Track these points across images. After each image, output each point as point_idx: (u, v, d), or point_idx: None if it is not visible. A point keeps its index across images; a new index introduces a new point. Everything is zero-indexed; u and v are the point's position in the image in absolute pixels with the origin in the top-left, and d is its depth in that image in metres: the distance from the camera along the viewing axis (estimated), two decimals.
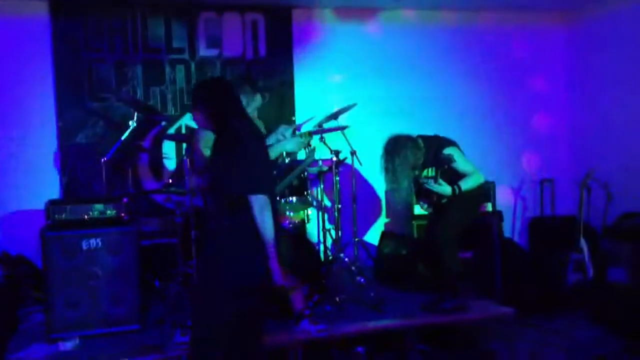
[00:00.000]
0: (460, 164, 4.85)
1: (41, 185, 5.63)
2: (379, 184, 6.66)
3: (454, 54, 6.76)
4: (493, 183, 6.07)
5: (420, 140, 4.95)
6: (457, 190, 4.86)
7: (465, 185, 4.88)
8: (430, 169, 5.00)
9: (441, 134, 5.09)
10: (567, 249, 5.72)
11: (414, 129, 5.06)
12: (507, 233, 6.50)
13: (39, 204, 4.68)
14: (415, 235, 6.16)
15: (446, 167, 4.78)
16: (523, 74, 7.04)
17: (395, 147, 4.91)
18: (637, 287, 5.38)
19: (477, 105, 6.50)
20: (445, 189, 4.84)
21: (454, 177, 4.88)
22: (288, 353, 4.28)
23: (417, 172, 4.99)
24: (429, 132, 5.08)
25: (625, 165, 6.20)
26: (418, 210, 5.76)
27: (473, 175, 4.90)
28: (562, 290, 5.68)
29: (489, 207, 5.98)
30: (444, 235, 4.88)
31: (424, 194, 5.06)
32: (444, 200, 4.95)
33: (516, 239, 6.86)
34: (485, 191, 5.95)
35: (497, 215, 6.00)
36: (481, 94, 6.70)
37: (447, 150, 4.86)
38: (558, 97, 7.17)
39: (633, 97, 6.25)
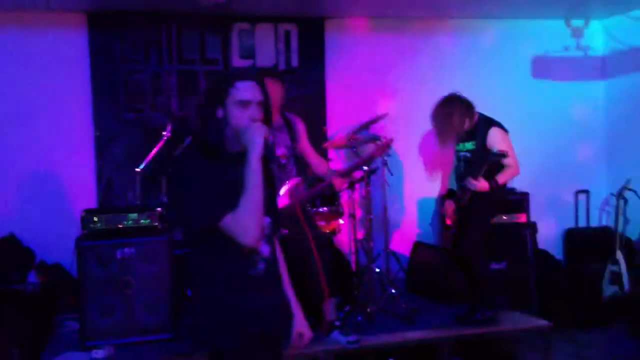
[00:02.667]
0: (506, 153, 4.55)
1: (77, 194, 5.72)
2: (412, 193, 6.63)
3: (493, 62, 6.67)
4: (527, 194, 6.00)
5: (474, 108, 4.79)
6: (494, 186, 4.63)
7: (503, 179, 4.66)
8: (469, 143, 4.83)
9: None
10: (603, 260, 5.63)
11: None
12: (541, 245, 6.40)
13: (76, 214, 4.77)
14: (447, 245, 6.11)
15: (489, 163, 4.55)
16: (558, 85, 6.94)
17: (446, 104, 4.77)
18: None
19: (513, 115, 6.45)
20: (483, 185, 4.63)
21: (492, 165, 4.63)
22: None
23: (461, 146, 4.85)
24: None
25: None
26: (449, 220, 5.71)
27: (512, 168, 4.66)
28: (598, 303, 5.59)
29: (523, 218, 5.90)
30: (470, 245, 4.78)
31: (461, 184, 4.90)
32: (465, 200, 4.77)
33: (551, 250, 6.76)
34: (518, 201, 5.89)
35: (532, 226, 5.93)
36: (517, 104, 6.63)
37: (494, 133, 4.66)
38: (594, 107, 7.05)
39: None
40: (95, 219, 4.58)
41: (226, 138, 2.46)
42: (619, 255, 5.51)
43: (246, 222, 2.34)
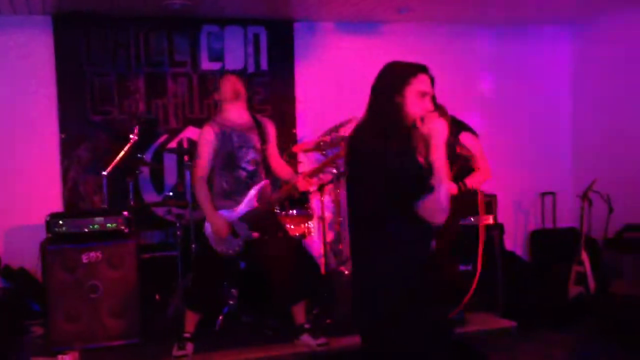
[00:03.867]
0: (475, 157, 4.58)
1: (43, 198, 5.64)
2: None
3: (457, 65, 6.75)
4: (494, 196, 6.05)
5: (446, 111, 4.60)
6: (462, 189, 4.57)
7: (472, 181, 4.60)
8: None
9: None
10: (569, 261, 5.71)
11: None
12: (508, 246, 6.47)
13: (41, 217, 4.70)
14: None
15: (456, 167, 4.51)
16: (526, 86, 7.04)
17: None
18: (638, 298, 5.36)
19: (478, 118, 6.51)
20: (452, 188, 4.49)
21: (461, 170, 4.60)
22: None
23: None
24: None
25: (627, 177, 6.19)
26: None
27: (482, 172, 4.63)
28: (564, 302, 5.66)
29: (490, 220, 5.95)
30: (439, 246, 4.79)
31: None
32: None
33: (517, 252, 6.84)
34: (485, 203, 5.94)
35: (498, 227, 5.98)
36: (483, 107, 6.70)
37: (465, 137, 4.62)
38: (561, 110, 7.16)
39: (635, 109, 6.25)
40: (61, 222, 4.53)
41: (403, 122, 2.58)
42: (584, 256, 5.59)
43: (442, 202, 2.47)
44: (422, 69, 2.66)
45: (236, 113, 4.30)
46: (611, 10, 6.38)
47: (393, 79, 2.66)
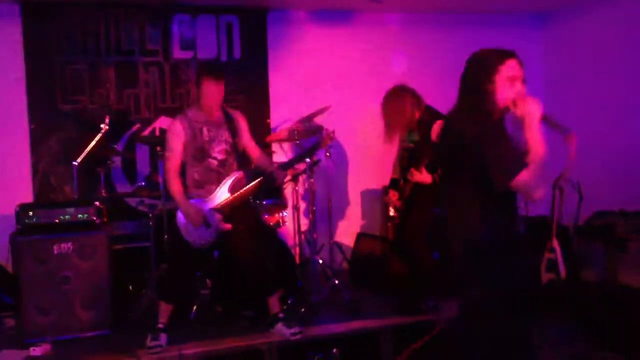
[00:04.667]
0: None
1: (12, 189, 5.56)
2: (356, 185, 6.68)
3: (431, 56, 6.78)
4: None
5: (422, 100, 4.80)
6: (437, 179, 4.63)
7: None
8: (415, 134, 4.83)
9: None
10: (541, 248, 5.77)
11: None
12: None
13: (10, 209, 4.63)
14: (390, 236, 6.17)
15: (430, 156, 4.59)
16: None
17: (396, 95, 4.76)
18: (608, 285, 5.45)
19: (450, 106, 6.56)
20: (425, 177, 4.66)
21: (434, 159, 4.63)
22: (263, 356, 4.28)
23: (407, 136, 4.88)
24: None
25: (596, 165, 6.26)
26: (393, 211, 5.76)
27: None
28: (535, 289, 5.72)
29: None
30: (412, 236, 4.84)
31: (404, 174, 4.90)
32: (407, 191, 4.83)
33: None
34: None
35: None
36: (453, 98, 6.72)
37: (438, 125, 4.55)
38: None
39: (605, 98, 6.32)
40: (31, 213, 4.46)
41: (496, 107, 2.75)
42: (555, 243, 5.65)
43: (538, 179, 2.68)
44: (510, 54, 2.80)
45: (208, 110, 4.28)
46: (582, 4, 6.46)
47: (482, 68, 2.81)
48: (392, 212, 6.07)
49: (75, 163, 5.06)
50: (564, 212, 5.98)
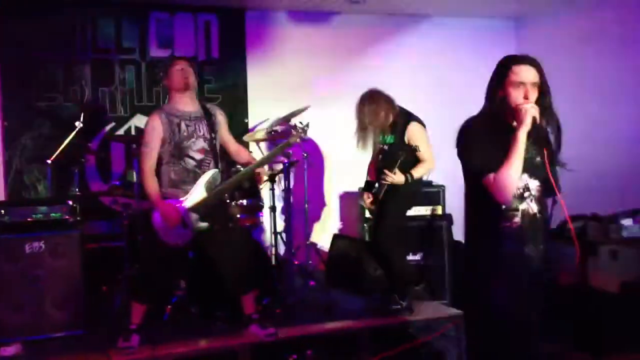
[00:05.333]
0: (423, 148, 4.68)
1: None
2: (333, 186, 6.68)
3: (406, 57, 6.81)
4: (443, 186, 6.13)
5: (395, 103, 4.83)
6: (409, 179, 4.68)
7: (418, 173, 4.72)
8: (389, 136, 4.87)
9: None
10: None
11: None
12: (456, 236, 6.56)
13: None
14: (366, 237, 6.19)
15: (403, 157, 4.66)
16: (472, 79, 7.11)
17: (371, 99, 4.77)
18: (581, 289, 5.50)
19: (426, 108, 6.59)
20: (400, 178, 4.67)
21: (408, 160, 4.72)
22: (237, 357, 4.26)
23: (381, 138, 4.89)
24: None
25: (569, 170, 6.33)
26: (369, 212, 5.78)
27: (427, 162, 4.74)
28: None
29: (439, 210, 6.04)
30: (387, 237, 4.85)
31: (378, 176, 4.93)
32: (381, 193, 4.85)
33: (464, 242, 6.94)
34: (434, 193, 6.03)
35: (447, 218, 6.07)
36: (431, 99, 6.76)
37: (413, 127, 4.74)
38: None
39: (577, 105, 6.39)
40: (3, 211, 4.40)
41: (507, 114, 2.80)
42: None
43: (505, 182, 2.71)
44: (516, 60, 2.84)
45: (185, 102, 4.23)
46: (548, 10, 6.55)
47: (494, 74, 2.90)
48: (368, 214, 6.09)
49: (49, 161, 5.00)
50: None
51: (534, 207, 2.88)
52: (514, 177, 2.73)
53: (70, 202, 4.53)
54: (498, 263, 2.85)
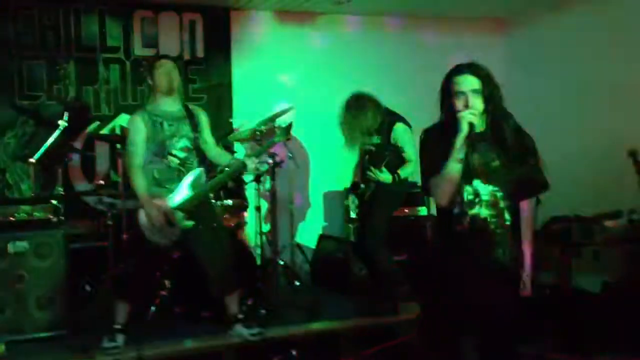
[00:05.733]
0: (408, 149, 4.75)
1: None
2: (317, 187, 6.69)
3: (391, 57, 6.83)
4: None
5: (382, 105, 4.86)
6: (396, 179, 4.74)
7: (404, 173, 4.78)
8: (375, 137, 4.89)
9: None
10: None
11: None
12: None
13: None
14: (351, 237, 6.20)
15: (389, 158, 4.71)
16: None
17: (357, 103, 4.81)
18: (564, 289, 5.54)
19: (414, 113, 6.63)
20: (386, 177, 4.73)
21: (394, 160, 4.80)
22: (222, 357, 4.25)
23: (367, 140, 4.90)
24: None
25: (554, 170, 6.38)
26: (354, 213, 5.80)
27: (413, 163, 4.77)
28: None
29: (423, 211, 6.06)
30: (372, 237, 4.87)
31: (364, 176, 4.97)
32: (367, 194, 4.88)
33: None
34: (419, 194, 6.05)
35: (431, 219, 6.10)
36: (416, 100, 6.77)
37: (399, 127, 4.79)
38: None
39: (561, 106, 6.46)
40: None
41: (455, 123, 2.81)
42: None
43: (437, 187, 2.83)
44: (456, 70, 2.92)
45: (167, 102, 4.23)
46: (538, 12, 6.60)
47: (441, 86, 2.99)
48: (353, 214, 6.11)
49: (33, 160, 4.95)
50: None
51: (484, 213, 2.87)
52: (445, 182, 2.80)
53: (54, 202, 4.50)
54: (446, 265, 2.94)
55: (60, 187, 5.09)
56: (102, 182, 5.26)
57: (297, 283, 5.11)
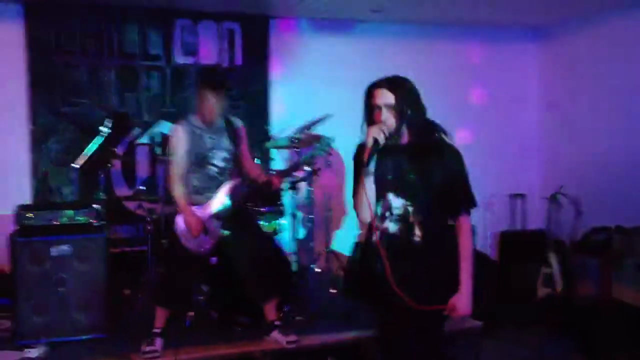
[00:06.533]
0: None
1: (12, 189, 5.56)
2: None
3: (428, 67, 6.81)
4: None
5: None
6: None
7: None
8: None
9: None
10: (537, 262, 5.78)
11: None
12: (477, 246, 6.54)
13: (9, 209, 4.62)
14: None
15: None
16: (496, 90, 7.12)
17: None
18: (603, 301, 5.46)
19: (449, 120, 6.60)
20: None
21: None
22: None
23: None
24: None
25: (595, 180, 6.29)
26: None
27: None
28: (531, 303, 5.74)
29: None
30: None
31: None
32: None
33: (487, 252, 6.91)
34: None
35: None
36: (453, 109, 6.75)
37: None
38: (531, 114, 7.26)
39: (602, 114, 6.36)
40: (30, 215, 4.46)
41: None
42: (552, 257, 5.67)
43: (353, 202, 2.87)
44: (374, 84, 2.94)
45: (208, 118, 4.29)
46: (577, 17, 6.51)
47: (364, 99, 3.00)
48: None
49: (75, 165, 5.05)
50: (563, 227, 6.01)
51: (393, 227, 2.82)
52: (357, 197, 2.83)
53: (96, 206, 4.57)
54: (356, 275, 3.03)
55: (102, 192, 5.19)
56: (142, 187, 5.33)
57: (332, 291, 5.11)
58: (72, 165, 5.08)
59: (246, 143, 4.48)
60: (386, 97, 2.84)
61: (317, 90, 6.53)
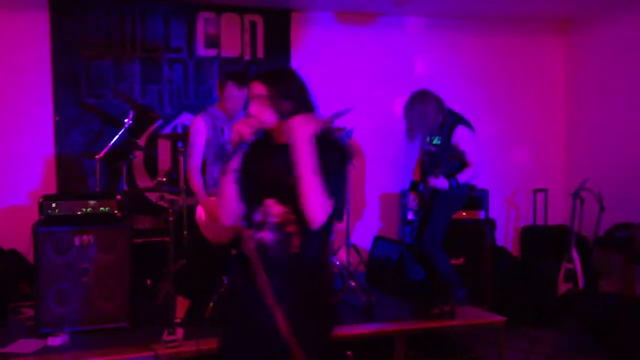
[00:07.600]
0: (469, 152, 4.71)
1: (36, 180, 5.64)
2: (374, 187, 6.68)
3: (453, 60, 6.78)
4: (486, 191, 6.09)
5: (444, 104, 4.82)
6: (452, 185, 4.71)
7: (463, 178, 4.74)
8: (436, 137, 4.85)
9: None
10: (559, 258, 5.74)
11: None
12: (499, 241, 6.51)
13: (33, 199, 4.68)
14: (407, 239, 6.18)
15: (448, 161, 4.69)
16: (520, 83, 7.06)
17: (421, 97, 4.78)
18: (626, 298, 5.41)
19: (472, 113, 6.57)
20: (442, 184, 4.71)
21: (454, 163, 4.79)
22: None
23: (428, 139, 4.88)
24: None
25: (619, 177, 6.23)
26: (413, 212, 5.78)
27: (473, 167, 4.75)
28: (553, 299, 5.70)
29: (482, 214, 6.00)
30: (432, 239, 4.85)
31: (423, 181, 4.94)
32: (427, 196, 4.86)
33: (508, 247, 6.88)
34: (477, 198, 5.99)
35: (490, 223, 6.02)
36: (476, 102, 6.72)
37: (460, 130, 4.73)
38: (554, 108, 7.19)
39: (628, 109, 6.28)
40: (54, 205, 4.50)
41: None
42: (574, 253, 5.63)
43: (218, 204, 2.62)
44: (252, 76, 2.72)
45: (231, 113, 4.31)
46: (606, 10, 6.43)
47: None
48: (410, 216, 6.09)
49: (98, 156, 5.10)
50: (587, 223, 5.95)
51: (267, 236, 2.54)
52: (221, 199, 2.62)
53: (119, 197, 4.61)
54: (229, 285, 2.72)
55: (124, 183, 5.24)
56: (164, 179, 5.37)
57: (353, 283, 5.11)
58: (96, 156, 5.12)
59: None
60: (256, 89, 2.60)
61: (339, 84, 6.53)
